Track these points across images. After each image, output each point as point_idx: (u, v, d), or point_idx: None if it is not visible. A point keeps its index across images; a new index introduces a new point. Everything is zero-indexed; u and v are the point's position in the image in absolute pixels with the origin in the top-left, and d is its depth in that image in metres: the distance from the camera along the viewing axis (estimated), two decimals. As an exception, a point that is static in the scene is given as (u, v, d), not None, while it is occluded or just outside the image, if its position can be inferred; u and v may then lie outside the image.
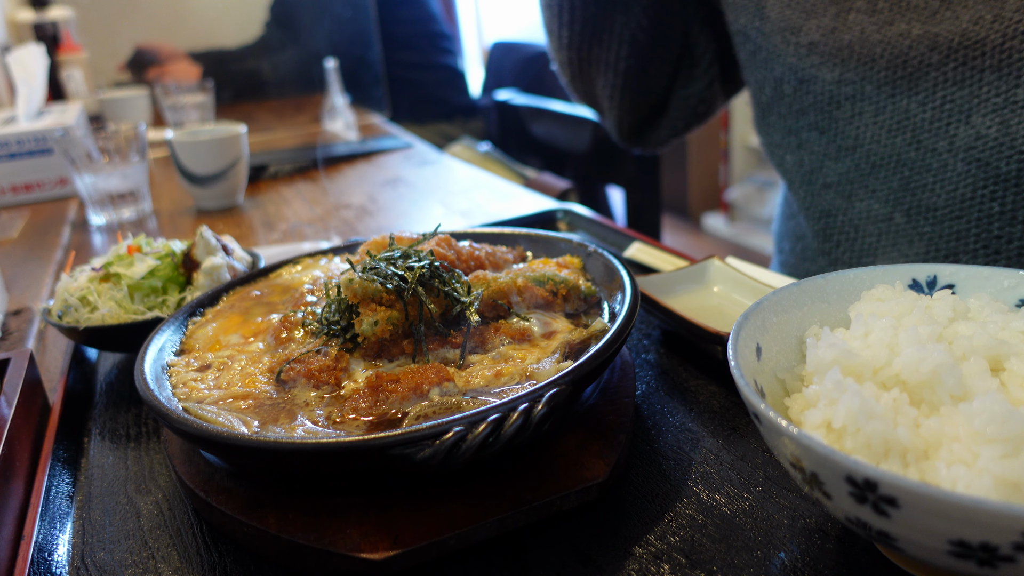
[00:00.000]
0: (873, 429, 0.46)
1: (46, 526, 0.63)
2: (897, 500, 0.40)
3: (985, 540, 0.38)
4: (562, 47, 1.28)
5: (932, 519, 0.39)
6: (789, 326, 0.60)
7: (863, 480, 0.41)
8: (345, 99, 2.52)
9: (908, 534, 0.42)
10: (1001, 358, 0.50)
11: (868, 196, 0.98)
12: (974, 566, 0.41)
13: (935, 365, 0.48)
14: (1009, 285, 0.60)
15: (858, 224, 1.00)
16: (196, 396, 0.65)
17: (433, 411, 0.59)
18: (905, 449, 0.46)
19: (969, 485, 0.42)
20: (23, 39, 3.03)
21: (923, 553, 0.43)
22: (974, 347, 0.50)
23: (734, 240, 4.29)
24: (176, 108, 2.46)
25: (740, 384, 0.49)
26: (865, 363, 0.52)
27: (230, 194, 1.67)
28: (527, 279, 0.75)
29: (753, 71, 1.08)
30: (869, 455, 0.46)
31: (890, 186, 0.95)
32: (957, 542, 0.39)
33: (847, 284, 0.63)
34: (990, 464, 0.42)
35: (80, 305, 0.88)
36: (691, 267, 0.94)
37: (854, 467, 0.41)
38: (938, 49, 0.86)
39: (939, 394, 0.48)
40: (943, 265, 0.62)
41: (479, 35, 5.66)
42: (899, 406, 0.47)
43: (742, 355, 0.53)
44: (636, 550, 0.55)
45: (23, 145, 1.81)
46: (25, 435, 0.70)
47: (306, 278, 0.88)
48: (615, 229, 1.23)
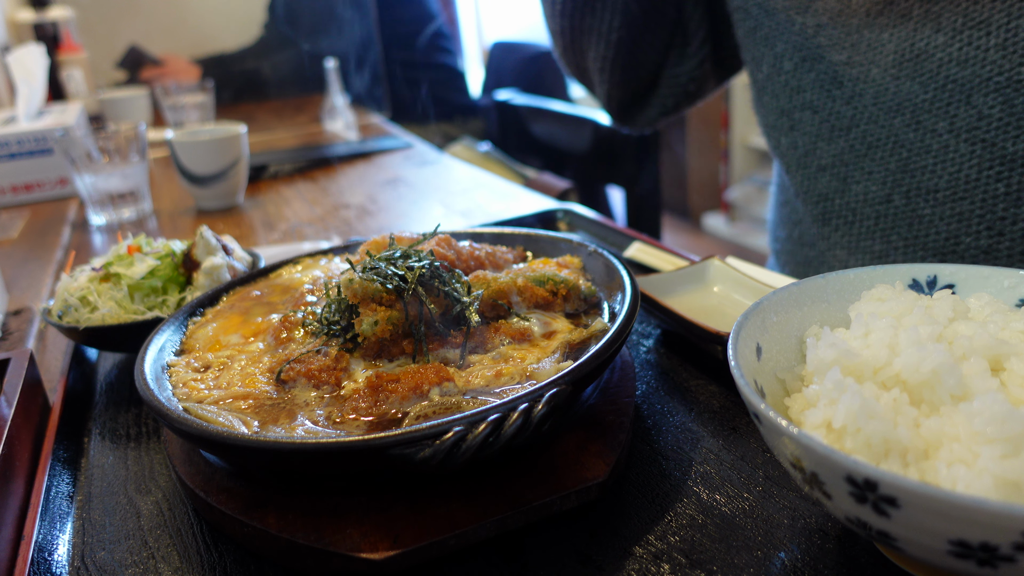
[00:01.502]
0: (873, 429, 0.45)
1: (46, 526, 0.63)
2: (897, 500, 0.40)
3: (985, 540, 0.38)
4: (555, 14, 1.28)
5: (932, 519, 0.39)
6: (789, 326, 0.60)
7: (863, 480, 0.41)
8: (345, 99, 2.52)
9: (908, 534, 0.42)
10: (1001, 358, 0.50)
11: (864, 178, 0.97)
12: (974, 566, 0.40)
13: (935, 365, 0.48)
14: (1009, 285, 0.60)
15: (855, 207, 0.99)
16: (196, 396, 0.65)
17: (433, 411, 0.59)
18: (905, 449, 0.46)
19: (969, 485, 0.42)
20: (23, 39, 3.03)
21: (923, 553, 0.43)
22: (974, 347, 0.50)
23: (734, 240, 4.29)
24: (176, 108, 2.46)
25: (740, 384, 0.49)
26: (865, 363, 0.52)
27: (230, 194, 1.67)
28: (527, 279, 0.75)
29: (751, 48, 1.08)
30: (869, 455, 0.46)
31: (887, 168, 0.94)
32: (957, 542, 0.39)
33: (847, 284, 0.63)
34: (990, 464, 0.42)
35: (80, 305, 0.88)
36: (691, 267, 0.94)
37: (854, 467, 0.41)
38: (943, 31, 0.86)
39: (939, 394, 0.48)
40: (943, 265, 0.62)
41: (479, 35, 5.66)
42: (899, 406, 0.47)
43: (742, 355, 0.53)
44: (636, 550, 0.55)
45: (23, 145, 1.81)
46: (25, 435, 0.70)
47: (306, 278, 0.88)
48: (615, 229, 1.23)
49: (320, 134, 2.49)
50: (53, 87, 2.73)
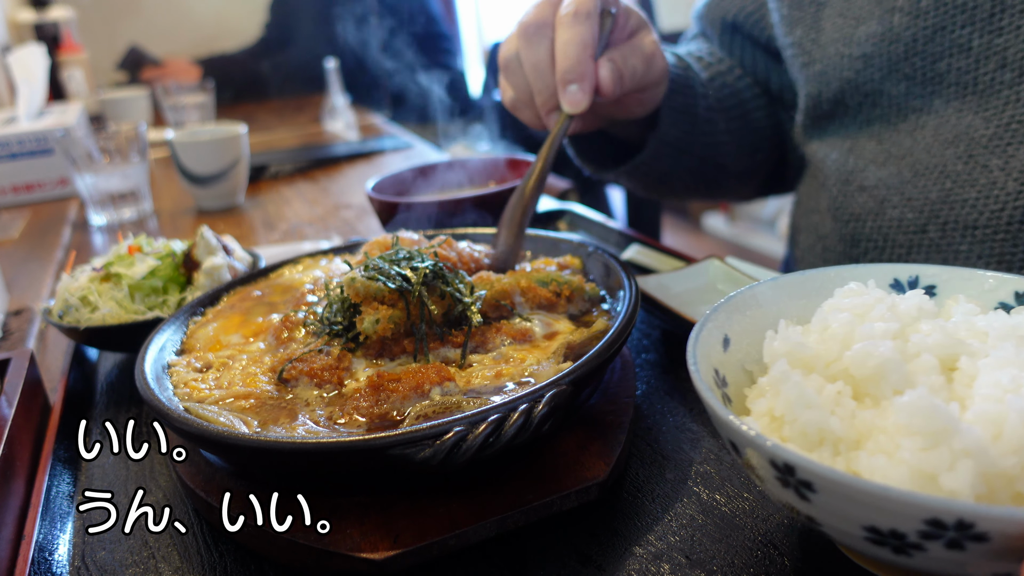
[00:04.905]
0: (808, 418, 0.47)
1: (46, 526, 0.63)
2: (813, 484, 0.41)
3: (894, 527, 0.40)
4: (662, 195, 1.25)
5: (845, 504, 0.41)
6: (764, 320, 0.60)
7: (783, 464, 0.42)
8: (345, 99, 2.52)
9: (828, 519, 0.43)
10: (954, 357, 0.51)
11: (903, 204, 0.93)
12: (890, 553, 0.42)
13: (881, 360, 0.49)
14: (990, 287, 0.60)
15: (887, 233, 0.96)
16: (197, 396, 0.65)
17: (434, 411, 0.59)
18: (838, 439, 0.47)
19: (886, 475, 0.43)
20: (24, 39, 3.03)
21: (845, 539, 0.44)
22: (928, 345, 0.51)
23: (734, 240, 4.29)
24: (176, 108, 2.46)
25: (692, 370, 0.51)
26: (817, 356, 0.53)
27: (230, 194, 1.67)
28: (530, 280, 0.75)
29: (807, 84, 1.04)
30: (804, 443, 0.47)
31: (928, 196, 0.91)
32: (870, 528, 0.41)
33: (827, 281, 0.63)
34: (908, 455, 0.43)
35: (81, 305, 0.88)
36: (691, 267, 0.94)
37: (774, 451, 0.42)
38: (1009, 67, 0.83)
39: (883, 389, 0.49)
40: (926, 266, 0.63)
41: (479, 35, 5.65)
42: (841, 398, 0.49)
43: (705, 344, 0.54)
44: (636, 550, 0.55)
45: (24, 145, 1.81)
46: (25, 435, 0.70)
47: (307, 278, 0.88)
48: (615, 229, 1.23)
49: (320, 134, 2.49)
50: (54, 87, 2.73)
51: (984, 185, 0.86)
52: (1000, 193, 0.84)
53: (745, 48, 1.18)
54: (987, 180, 0.85)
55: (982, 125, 0.86)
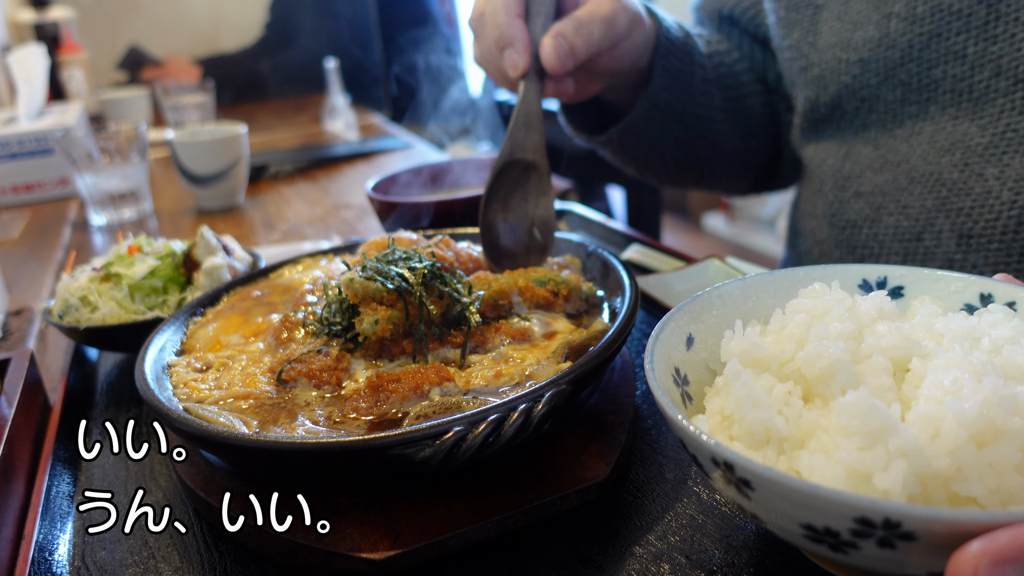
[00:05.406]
0: (755, 417, 0.48)
1: (46, 526, 0.63)
2: (751, 483, 0.42)
3: (827, 525, 0.40)
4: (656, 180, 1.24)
5: (781, 503, 0.41)
6: (731, 318, 0.60)
7: (723, 461, 0.43)
8: (345, 99, 2.52)
9: (769, 516, 0.43)
10: (908, 358, 0.51)
11: (899, 211, 0.93)
12: (828, 551, 0.42)
13: (831, 361, 0.49)
14: (957, 289, 0.60)
15: (883, 240, 0.96)
16: (197, 396, 0.65)
17: (433, 411, 0.60)
18: (783, 438, 0.47)
19: (822, 474, 0.44)
20: (24, 39, 3.03)
21: (787, 536, 0.44)
22: (881, 346, 0.51)
23: (734, 240, 4.29)
24: (177, 108, 2.46)
25: (648, 369, 0.51)
26: (772, 356, 0.53)
27: (230, 194, 1.67)
28: (528, 279, 0.75)
29: (804, 88, 1.04)
30: (751, 442, 0.48)
31: (923, 204, 0.91)
32: (806, 526, 0.41)
33: (796, 282, 0.63)
34: (845, 455, 0.43)
35: (81, 305, 0.88)
36: (691, 267, 0.94)
37: (715, 448, 0.43)
38: (1004, 75, 0.83)
39: (832, 389, 0.49)
40: (895, 267, 0.63)
41: (479, 35, 5.65)
42: (790, 398, 0.49)
43: (666, 343, 0.55)
44: (636, 550, 0.55)
45: (24, 145, 1.81)
46: (25, 435, 0.70)
47: (306, 278, 0.88)
48: (615, 229, 1.23)
49: (320, 134, 2.49)
50: (54, 87, 2.73)
51: (979, 194, 0.85)
52: (995, 202, 0.84)
53: (743, 40, 1.18)
54: (982, 189, 0.85)
55: (977, 133, 0.86)
